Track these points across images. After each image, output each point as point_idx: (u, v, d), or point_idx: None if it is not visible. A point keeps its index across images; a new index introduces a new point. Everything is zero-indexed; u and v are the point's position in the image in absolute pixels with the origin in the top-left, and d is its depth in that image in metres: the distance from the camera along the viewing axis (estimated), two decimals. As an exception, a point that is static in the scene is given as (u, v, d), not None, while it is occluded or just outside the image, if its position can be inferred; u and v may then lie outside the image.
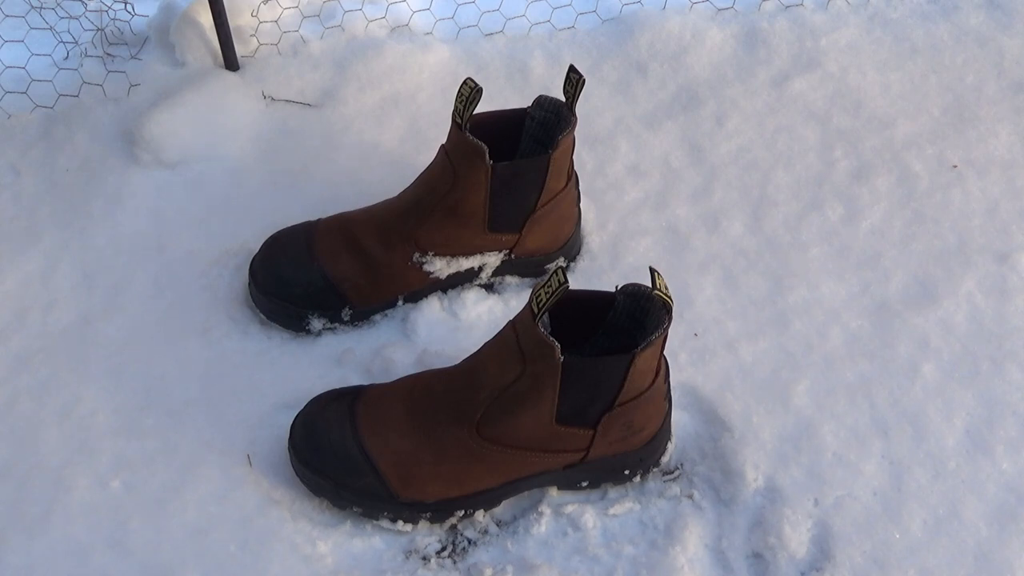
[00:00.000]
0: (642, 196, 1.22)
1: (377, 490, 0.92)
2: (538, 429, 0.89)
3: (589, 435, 0.90)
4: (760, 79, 1.36)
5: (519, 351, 0.86)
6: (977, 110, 1.32)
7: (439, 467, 0.91)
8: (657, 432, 0.94)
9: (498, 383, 0.87)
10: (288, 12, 1.41)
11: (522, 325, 0.86)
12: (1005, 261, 1.15)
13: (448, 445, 0.91)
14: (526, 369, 0.86)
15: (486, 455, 0.90)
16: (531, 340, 0.84)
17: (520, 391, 0.87)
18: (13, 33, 1.39)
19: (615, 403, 0.88)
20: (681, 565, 0.91)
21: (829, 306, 1.11)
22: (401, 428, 0.92)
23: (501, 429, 0.89)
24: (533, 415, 0.88)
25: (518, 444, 0.90)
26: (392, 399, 0.95)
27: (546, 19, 1.44)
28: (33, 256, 1.17)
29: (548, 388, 0.86)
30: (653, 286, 0.85)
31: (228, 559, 0.92)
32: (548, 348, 0.83)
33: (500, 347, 0.89)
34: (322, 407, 0.97)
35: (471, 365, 0.92)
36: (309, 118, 1.32)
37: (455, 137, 1.01)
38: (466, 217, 1.05)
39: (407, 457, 0.91)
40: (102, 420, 1.02)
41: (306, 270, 1.08)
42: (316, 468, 0.93)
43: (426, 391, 0.93)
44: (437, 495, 0.92)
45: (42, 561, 0.92)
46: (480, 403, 0.88)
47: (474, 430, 0.89)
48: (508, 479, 0.93)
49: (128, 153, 1.27)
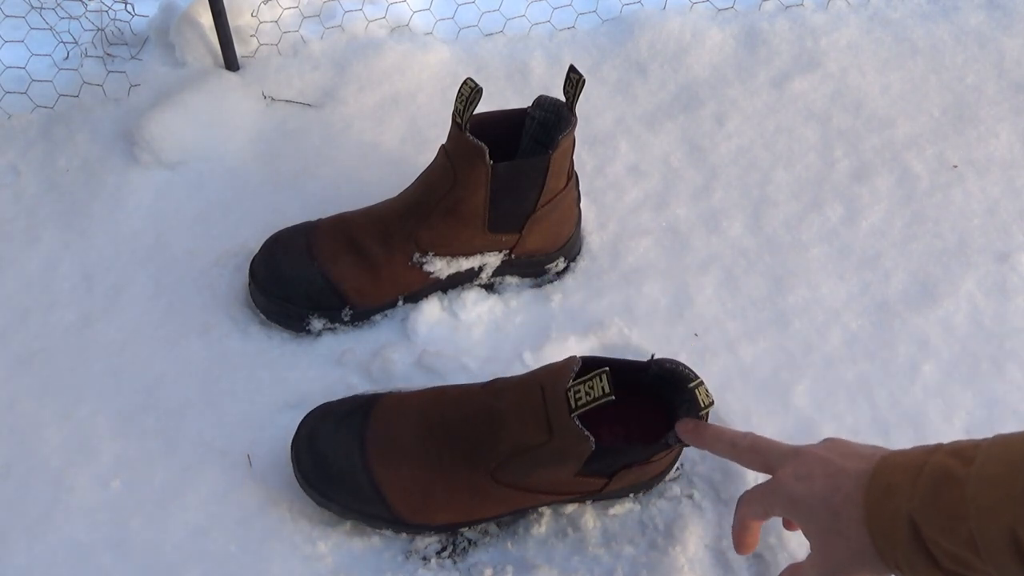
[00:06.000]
0: (642, 196, 1.23)
1: (385, 516, 0.91)
2: (556, 482, 0.88)
3: (604, 482, 0.90)
4: (760, 79, 1.36)
5: (546, 421, 0.83)
6: (977, 110, 1.32)
7: (449, 501, 0.90)
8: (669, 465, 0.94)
9: (520, 442, 0.85)
10: (288, 12, 1.41)
11: (552, 402, 0.82)
12: (1005, 261, 1.15)
13: (461, 483, 0.89)
14: (552, 441, 0.83)
15: (499, 494, 0.89)
16: (563, 426, 0.82)
17: (542, 456, 0.84)
18: (13, 33, 1.39)
19: (635, 464, 0.89)
20: (681, 565, 0.91)
21: (829, 306, 1.11)
22: (413, 461, 0.90)
23: (518, 478, 0.88)
24: (552, 473, 0.87)
25: (532, 489, 0.89)
26: (405, 426, 0.92)
27: (546, 19, 1.44)
28: (33, 256, 1.17)
29: (573, 460, 0.84)
30: (700, 407, 0.84)
31: (228, 559, 0.92)
32: (580, 439, 0.81)
33: (524, 405, 0.86)
34: (329, 428, 0.94)
35: (492, 409, 0.88)
36: (309, 118, 1.32)
37: (455, 137, 1.01)
38: (466, 217, 1.05)
39: (418, 491, 0.90)
40: (102, 420, 1.02)
41: (306, 270, 1.08)
42: (322, 491, 0.92)
43: (442, 421, 0.91)
44: (444, 521, 0.92)
45: (42, 561, 0.92)
46: (499, 454, 0.87)
47: (489, 475, 0.88)
48: (516, 509, 0.92)
49: (128, 153, 1.27)
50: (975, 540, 0.66)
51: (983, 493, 0.66)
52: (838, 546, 0.75)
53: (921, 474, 0.70)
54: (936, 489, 0.69)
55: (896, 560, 0.72)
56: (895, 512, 0.71)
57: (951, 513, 0.68)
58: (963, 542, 0.67)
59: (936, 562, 0.70)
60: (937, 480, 0.69)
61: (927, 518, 0.69)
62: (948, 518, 0.68)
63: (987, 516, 0.66)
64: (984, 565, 0.67)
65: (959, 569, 0.69)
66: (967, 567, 0.69)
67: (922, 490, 0.70)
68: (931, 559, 0.70)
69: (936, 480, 0.69)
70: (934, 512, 0.69)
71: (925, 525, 0.69)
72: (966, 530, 0.67)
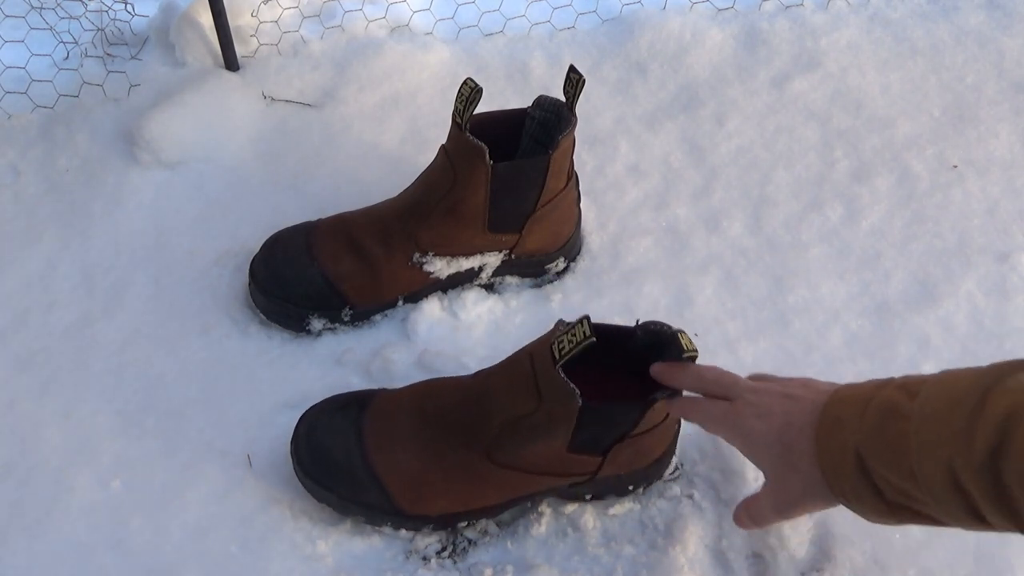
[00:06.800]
0: (642, 196, 1.22)
1: (383, 505, 0.91)
2: (549, 457, 0.88)
3: (598, 461, 0.90)
4: (760, 79, 1.36)
5: (535, 388, 0.84)
6: (977, 110, 1.32)
7: (447, 487, 0.90)
8: (664, 452, 0.94)
9: (511, 413, 0.86)
10: (288, 12, 1.41)
11: (540, 363, 0.84)
12: (1005, 261, 1.15)
13: (456, 465, 0.89)
14: (541, 406, 0.84)
15: (494, 476, 0.89)
16: (549, 383, 0.82)
17: (533, 424, 0.85)
18: (13, 33, 1.39)
19: (629, 435, 0.88)
20: (681, 565, 0.91)
21: (829, 306, 1.11)
22: (409, 447, 0.91)
23: (512, 455, 0.88)
24: (544, 445, 0.87)
25: (527, 468, 0.89)
26: (400, 414, 0.93)
27: (546, 19, 1.44)
28: (33, 256, 1.17)
29: (562, 426, 0.85)
30: (682, 350, 0.84)
31: (228, 559, 0.92)
32: (567, 395, 0.82)
33: (514, 376, 0.87)
34: (327, 419, 0.95)
35: (483, 389, 0.90)
36: (309, 118, 1.32)
37: (455, 137, 1.01)
38: (466, 217, 1.05)
39: (415, 476, 0.90)
40: (102, 420, 1.02)
41: (306, 270, 1.08)
42: (321, 482, 0.93)
43: (436, 410, 0.92)
44: (442, 510, 0.92)
45: (42, 561, 0.92)
46: (491, 430, 0.87)
47: (484, 455, 0.88)
48: (514, 496, 0.92)
49: (128, 153, 1.27)
50: (916, 473, 0.68)
51: (924, 428, 0.68)
52: (791, 479, 0.77)
53: (869, 407, 0.72)
54: (882, 422, 0.70)
55: (844, 492, 0.74)
56: (843, 445, 0.72)
57: (895, 446, 0.69)
58: (905, 475, 0.69)
59: (881, 494, 0.71)
60: (883, 413, 0.71)
61: (872, 451, 0.70)
62: (892, 451, 0.69)
63: (927, 451, 0.67)
64: (924, 497, 0.68)
65: (902, 501, 0.71)
66: (910, 499, 0.70)
67: (869, 423, 0.71)
68: (876, 491, 0.71)
69: (882, 413, 0.71)
70: (879, 445, 0.70)
71: (871, 458, 0.71)
72: (908, 464, 0.68)
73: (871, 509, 0.73)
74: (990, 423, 0.64)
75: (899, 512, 0.72)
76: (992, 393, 0.65)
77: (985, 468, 0.64)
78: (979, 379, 0.67)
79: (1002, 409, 0.64)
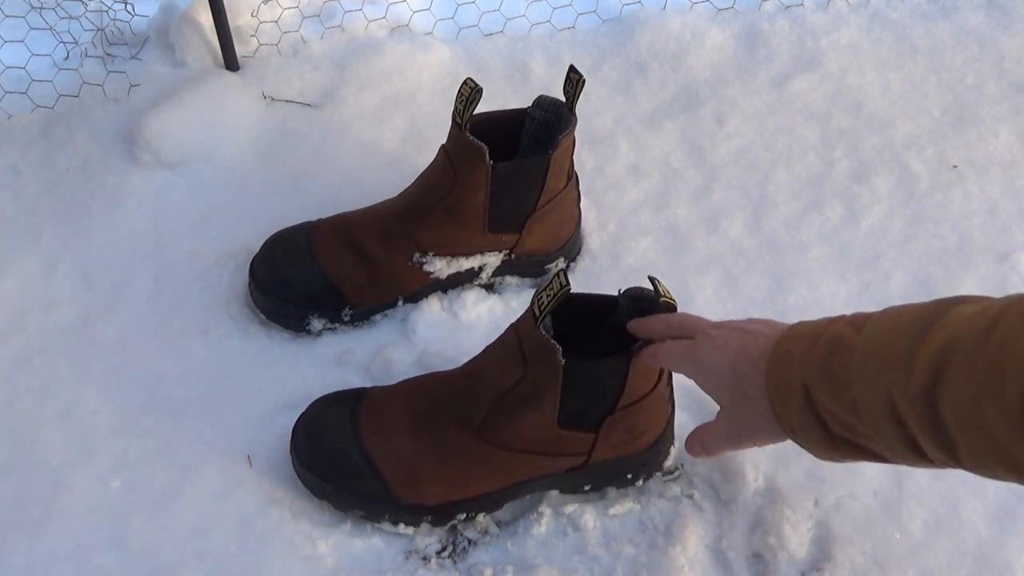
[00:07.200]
0: (642, 196, 1.23)
1: (379, 493, 0.92)
2: (540, 432, 0.89)
3: (591, 438, 0.90)
4: (760, 79, 1.36)
5: (520, 354, 0.85)
6: (977, 110, 1.32)
7: (441, 469, 0.91)
8: (660, 436, 0.94)
9: (499, 386, 0.87)
10: (288, 12, 1.41)
11: (524, 328, 0.86)
12: (1005, 261, 1.15)
13: (450, 447, 0.90)
14: (527, 372, 0.85)
15: (488, 458, 0.90)
16: (533, 343, 0.84)
17: (521, 394, 0.86)
18: (13, 33, 1.39)
19: (617, 406, 0.88)
20: (681, 565, 0.91)
21: (829, 306, 1.11)
22: (403, 431, 0.92)
23: (503, 432, 0.89)
24: (534, 418, 0.88)
25: (520, 447, 0.90)
26: (394, 402, 0.94)
27: (546, 19, 1.44)
28: (33, 256, 1.17)
29: (549, 391, 0.86)
30: (658, 295, 0.86)
31: (228, 559, 0.92)
32: (549, 352, 0.83)
33: (502, 349, 0.89)
34: (324, 410, 0.96)
35: (473, 368, 0.92)
36: (309, 118, 1.32)
37: (455, 137, 1.01)
38: (466, 217, 1.05)
39: (409, 459, 0.91)
40: (102, 420, 1.02)
41: (306, 270, 1.08)
42: (317, 471, 0.93)
43: (428, 394, 0.93)
44: (438, 498, 0.92)
45: (42, 561, 0.92)
46: (481, 406, 0.88)
47: (476, 433, 0.89)
48: (510, 482, 0.92)
49: (128, 153, 1.27)
50: (858, 405, 0.69)
51: (866, 360, 0.69)
52: (743, 409, 0.79)
53: (818, 342, 0.73)
54: (829, 355, 0.71)
55: (791, 424, 0.75)
56: (791, 377, 0.74)
57: (839, 378, 0.70)
58: (848, 407, 0.70)
59: (827, 427, 0.72)
60: (831, 347, 0.72)
61: (818, 384, 0.72)
62: (836, 383, 0.70)
63: (868, 382, 0.68)
64: (867, 431, 0.69)
65: (846, 434, 0.72)
66: (853, 432, 0.71)
67: (817, 357, 0.72)
68: (822, 424, 0.72)
69: (830, 347, 0.72)
70: (825, 378, 0.71)
71: (816, 391, 0.72)
72: (851, 395, 0.69)
73: (817, 443, 0.74)
74: (928, 354, 0.65)
75: (844, 447, 0.73)
76: (933, 326, 0.66)
77: (922, 399, 0.65)
78: (923, 313, 0.68)
79: (940, 341, 0.65)
